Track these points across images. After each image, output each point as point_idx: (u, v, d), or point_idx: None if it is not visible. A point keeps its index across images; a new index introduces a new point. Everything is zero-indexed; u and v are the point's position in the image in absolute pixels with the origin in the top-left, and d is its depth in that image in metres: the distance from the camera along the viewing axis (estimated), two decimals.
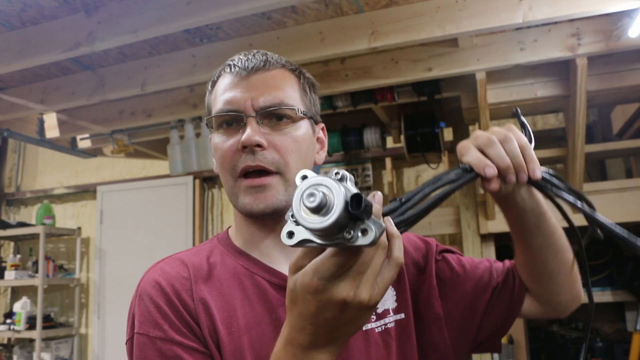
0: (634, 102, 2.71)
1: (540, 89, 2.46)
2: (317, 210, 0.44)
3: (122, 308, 4.36)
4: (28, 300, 4.24)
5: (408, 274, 0.85)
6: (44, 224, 4.32)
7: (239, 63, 0.78)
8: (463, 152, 0.67)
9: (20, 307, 4.19)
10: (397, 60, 2.36)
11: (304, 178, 0.47)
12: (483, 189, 0.68)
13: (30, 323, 4.11)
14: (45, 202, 4.56)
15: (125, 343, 0.73)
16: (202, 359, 0.69)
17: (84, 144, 3.45)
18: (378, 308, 0.79)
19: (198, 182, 4.16)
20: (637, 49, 2.15)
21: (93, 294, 4.43)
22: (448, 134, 3.19)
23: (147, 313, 0.70)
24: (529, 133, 0.71)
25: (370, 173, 3.50)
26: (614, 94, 2.55)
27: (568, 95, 2.40)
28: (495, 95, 2.49)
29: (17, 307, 4.22)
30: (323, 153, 0.85)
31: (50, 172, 4.90)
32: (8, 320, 4.23)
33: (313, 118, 0.82)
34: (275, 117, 0.76)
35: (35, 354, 4.03)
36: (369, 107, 2.73)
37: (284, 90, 0.77)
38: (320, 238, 0.47)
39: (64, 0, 1.96)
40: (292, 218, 0.47)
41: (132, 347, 0.70)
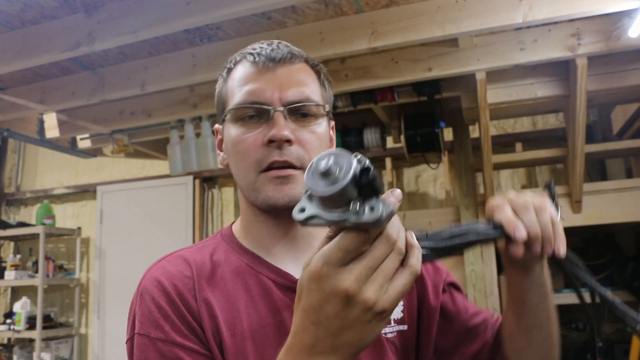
0: (634, 102, 2.71)
1: (541, 89, 2.46)
2: (326, 175, 0.45)
3: (122, 308, 4.34)
4: (28, 300, 4.24)
5: (417, 289, 0.83)
6: (44, 224, 4.32)
7: (263, 52, 0.75)
8: (495, 209, 0.66)
9: (20, 307, 4.19)
10: (397, 60, 2.36)
11: None
12: (504, 252, 0.67)
13: (30, 323, 4.11)
14: (45, 202, 4.56)
15: (126, 342, 0.71)
16: None
17: (84, 144, 3.45)
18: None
19: (198, 182, 4.16)
20: (637, 49, 2.15)
21: (93, 294, 4.43)
22: (448, 134, 3.19)
23: (148, 313, 0.69)
24: (558, 207, 0.70)
25: None
26: (614, 94, 2.55)
27: (568, 95, 2.40)
28: (495, 95, 2.49)
29: (17, 307, 4.22)
30: None
31: (50, 172, 4.90)
32: (8, 320, 4.23)
33: (329, 116, 0.81)
34: (300, 113, 0.74)
35: (35, 354, 4.03)
36: (369, 107, 2.73)
37: (309, 86, 0.75)
38: (328, 211, 0.47)
39: (64, 0, 1.96)
40: (306, 194, 0.48)
41: (132, 347, 0.69)
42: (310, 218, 0.48)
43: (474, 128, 3.12)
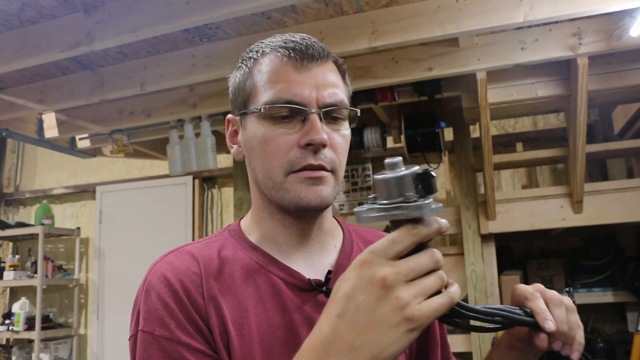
0: (635, 101, 2.70)
1: (541, 89, 2.45)
2: (393, 167, 0.51)
3: (121, 308, 4.35)
4: (27, 301, 4.23)
5: None
6: (43, 224, 4.31)
7: (298, 47, 0.72)
8: (529, 297, 0.65)
9: (19, 307, 4.18)
10: (397, 60, 2.35)
11: None
12: (527, 339, 0.67)
13: (29, 324, 4.10)
14: (44, 202, 4.56)
15: (129, 339, 0.69)
16: None
17: (83, 144, 3.44)
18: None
19: (198, 182, 4.16)
20: (638, 49, 2.14)
21: (92, 295, 4.43)
22: (448, 134, 3.19)
23: (153, 310, 0.67)
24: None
25: (371, 173, 3.49)
26: (615, 94, 2.55)
27: (569, 95, 2.39)
28: (496, 95, 2.48)
29: (15, 307, 4.21)
30: None
31: (49, 172, 4.89)
32: (7, 321, 4.22)
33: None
34: (332, 116, 0.73)
35: (34, 355, 4.03)
36: (369, 107, 2.72)
37: (340, 88, 0.74)
38: (386, 199, 0.51)
39: (63, 0, 1.95)
40: (370, 198, 0.54)
41: (135, 344, 0.67)
42: (368, 210, 0.52)
43: (475, 128, 3.11)
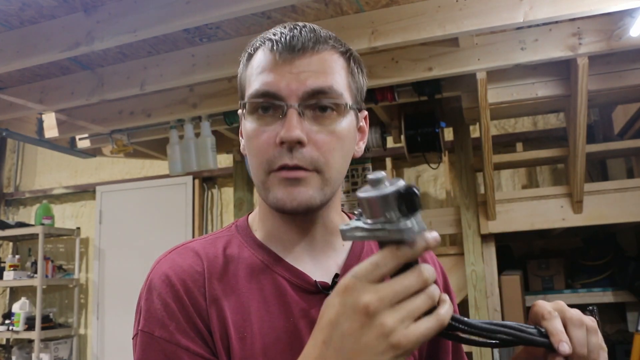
0: (635, 101, 2.70)
1: (541, 89, 2.45)
2: (376, 183, 0.49)
3: (121, 308, 4.34)
4: (27, 301, 4.23)
5: None
6: (43, 224, 4.31)
7: (282, 39, 0.67)
8: (546, 315, 0.61)
9: (19, 307, 4.18)
10: (397, 60, 2.35)
11: None
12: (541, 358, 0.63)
13: (29, 324, 4.10)
14: (44, 202, 4.56)
15: (132, 338, 0.68)
16: None
17: (83, 144, 3.44)
18: None
19: (198, 182, 4.16)
20: (638, 49, 2.14)
21: (92, 295, 4.43)
22: (448, 134, 3.19)
23: (154, 310, 0.65)
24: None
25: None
26: (615, 94, 2.55)
27: (569, 95, 2.39)
28: (496, 95, 2.48)
29: (15, 307, 4.21)
30: (363, 144, 0.78)
31: (49, 172, 4.90)
32: (7, 321, 4.22)
33: (358, 107, 0.74)
34: (320, 108, 0.68)
35: (34, 355, 4.03)
36: (369, 107, 2.72)
37: (333, 77, 0.68)
38: (370, 221, 0.50)
39: (63, 0, 1.95)
40: (357, 214, 0.53)
41: (137, 344, 0.67)
42: (352, 229, 0.52)
43: (475, 128, 3.11)
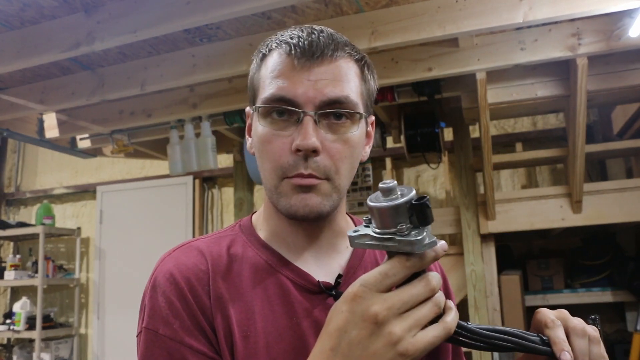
0: (635, 102, 2.70)
1: (541, 89, 2.45)
2: (388, 192, 0.49)
3: (122, 308, 4.34)
4: (28, 301, 4.24)
5: None
6: (44, 224, 4.32)
7: (300, 44, 0.67)
8: (549, 324, 0.61)
9: (20, 307, 4.19)
10: (397, 60, 2.36)
11: None
12: None
13: (30, 323, 4.11)
14: (45, 202, 4.56)
15: (136, 336, 0.68)
16: None
17: (84, 144, 3.44)
18: None
19: (198, 182, 4.16)
20: (637, 49, 2.15)
21: (93, 294, 4.43)
22: (448, 134, 3.19)
23: (158, 308, 0.66)
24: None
25: (371, 173, 3.49)
26: (615, 94, 2.55)
27: (568, 95, 2.40)
28: (496, 95, 2.49)
29: (16, 307, 4.22)
30: (369, 148, 0.78)
31: (50, 172, 4.90)
32: (8, 321, 4.23)
33: (368, 114, 0.74)
34: (335, 116, 0.68)
35: (35, 354, 4.03)
36: None
37: (349, 86, 0.69)
38: (379, 230, 0.50)
39: (64, 0, 1.96)
40: (365, 220, 0.53)
41: (140, 341, 0.67)
42: (361, 237, 0.52)
43: (474, 128, 3.11)
